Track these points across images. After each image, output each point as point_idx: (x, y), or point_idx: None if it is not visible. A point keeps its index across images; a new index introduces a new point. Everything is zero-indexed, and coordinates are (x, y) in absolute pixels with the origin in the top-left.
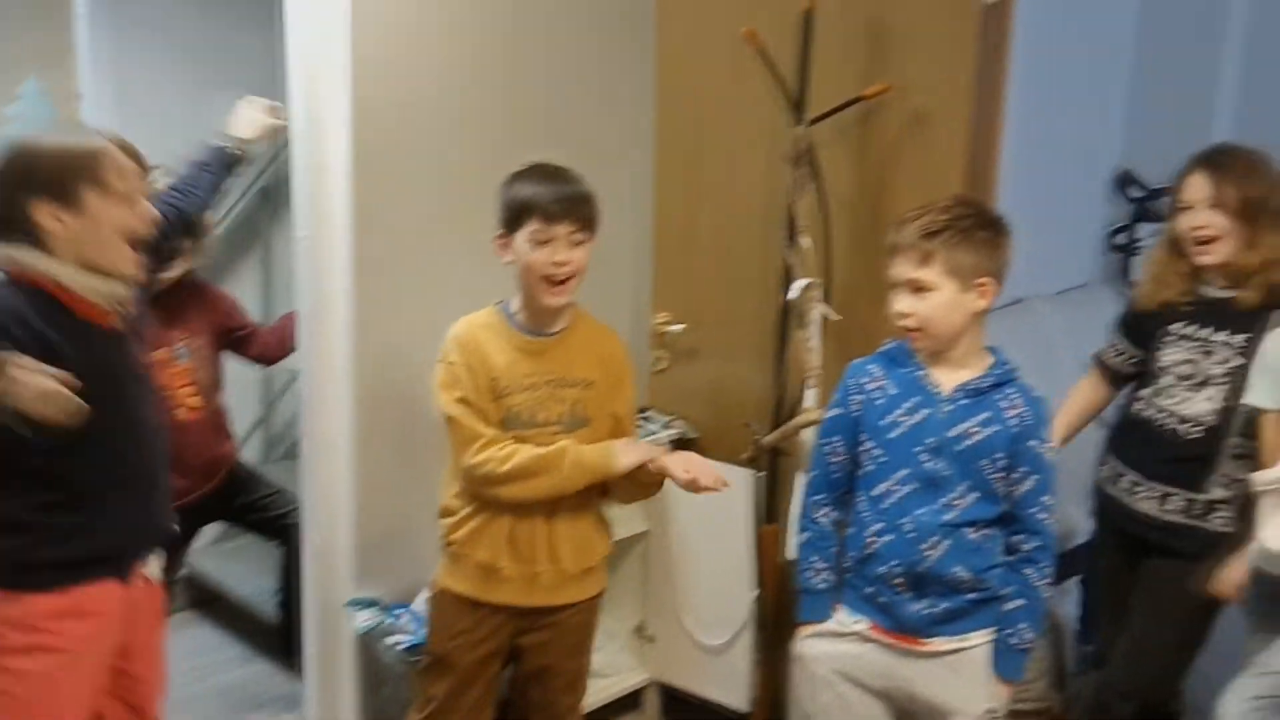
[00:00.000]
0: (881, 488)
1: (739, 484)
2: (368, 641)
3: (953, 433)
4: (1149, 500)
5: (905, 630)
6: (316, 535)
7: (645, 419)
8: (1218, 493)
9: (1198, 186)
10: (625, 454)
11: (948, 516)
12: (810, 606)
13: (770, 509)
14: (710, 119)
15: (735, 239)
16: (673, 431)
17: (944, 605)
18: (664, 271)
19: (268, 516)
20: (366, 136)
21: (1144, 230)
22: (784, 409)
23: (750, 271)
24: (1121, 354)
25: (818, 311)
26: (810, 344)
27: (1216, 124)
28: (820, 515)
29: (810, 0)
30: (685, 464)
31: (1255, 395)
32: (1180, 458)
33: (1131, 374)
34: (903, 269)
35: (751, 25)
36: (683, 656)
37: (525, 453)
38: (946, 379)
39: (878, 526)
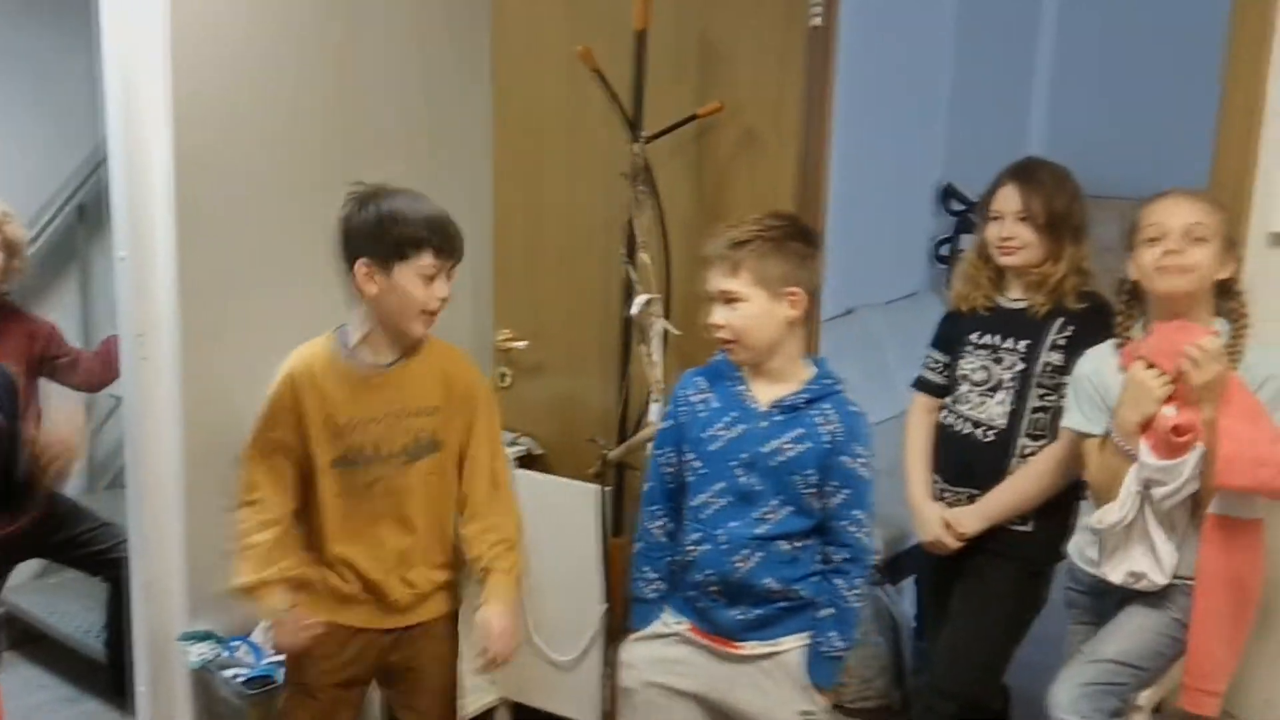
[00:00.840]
0: (700, 499)
1: (586, 499)
2: (203, 676)
3: (766, 448)
4: (957, 503)
5: (720, 633)
6: (146, 567)
7: None
8: None
9: (1008, 198)
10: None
11: (759, 530)
12: (641, 615)
13: (618, 522)
14: (549, 135)
15: (577, 255)
16: (519, 449)
17: (756, 612)
18: (505, 288)
19: (91, 552)
20: (189, 152)
21: (966, 241)
22: (629, 423)
23: (592, 287)
24: (938, 366)
25: (659, 326)
26: (652, 359)
27: (1031, 140)
28: (654, 526)
29: (643, 20)
30: None
31: (1073, 419)
32: (978, 461)
33: (943, 384)
34: (714, 280)
35: (587, 43)
36: (533, 674)
37: (254, 549)
38: (764, 393)
39: (696, 536)
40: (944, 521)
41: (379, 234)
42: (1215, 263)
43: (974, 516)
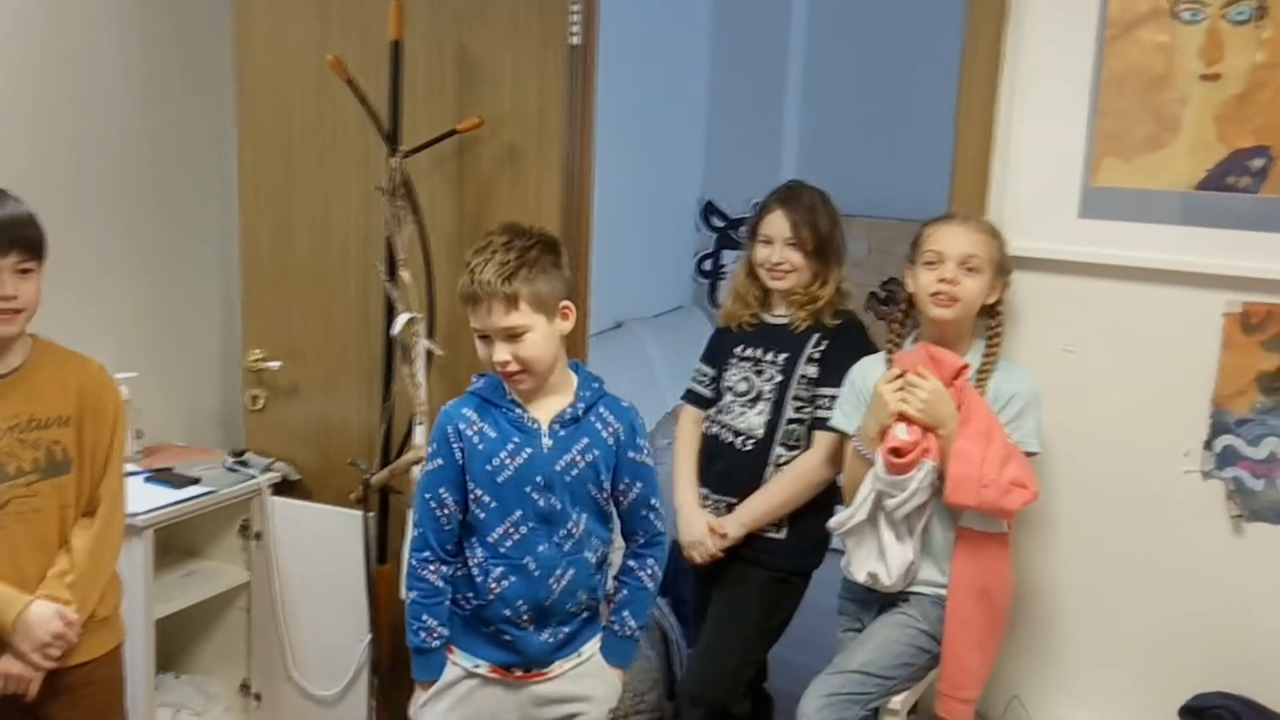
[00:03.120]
0: (498, 532)
1: (347, 526)
2: None
3: (559, 466)
4: (716, 511)
5: (529, 663)
6: None
7: (242, 463)
8: None
9: (777, 224)
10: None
11: (567, 547)
12: (424, 665)
13: (382, 549)
14: (299, 146)
15: (332, 272)
16: (273, 475)
17: (564, 630)
18: (255, 306)
19: None
20: None
21: (728, 256)
22: (391, 446)
23: (350, 305)
24: (705, 379)
25: (422, 346)
26: (416, 379)
27: (785, 160)
28: (428, 573)
29: (397, 30)
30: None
31: (836, 418)
32: (738, 469)
33: (710, 396)
34: (491, 319)
35: (339, 51)
36: (293, 712)
37: None
38: (542, 412)
39: (499, 570)
40: (709, 526)
41: None
42: (985, 291)
43: (733, 523)
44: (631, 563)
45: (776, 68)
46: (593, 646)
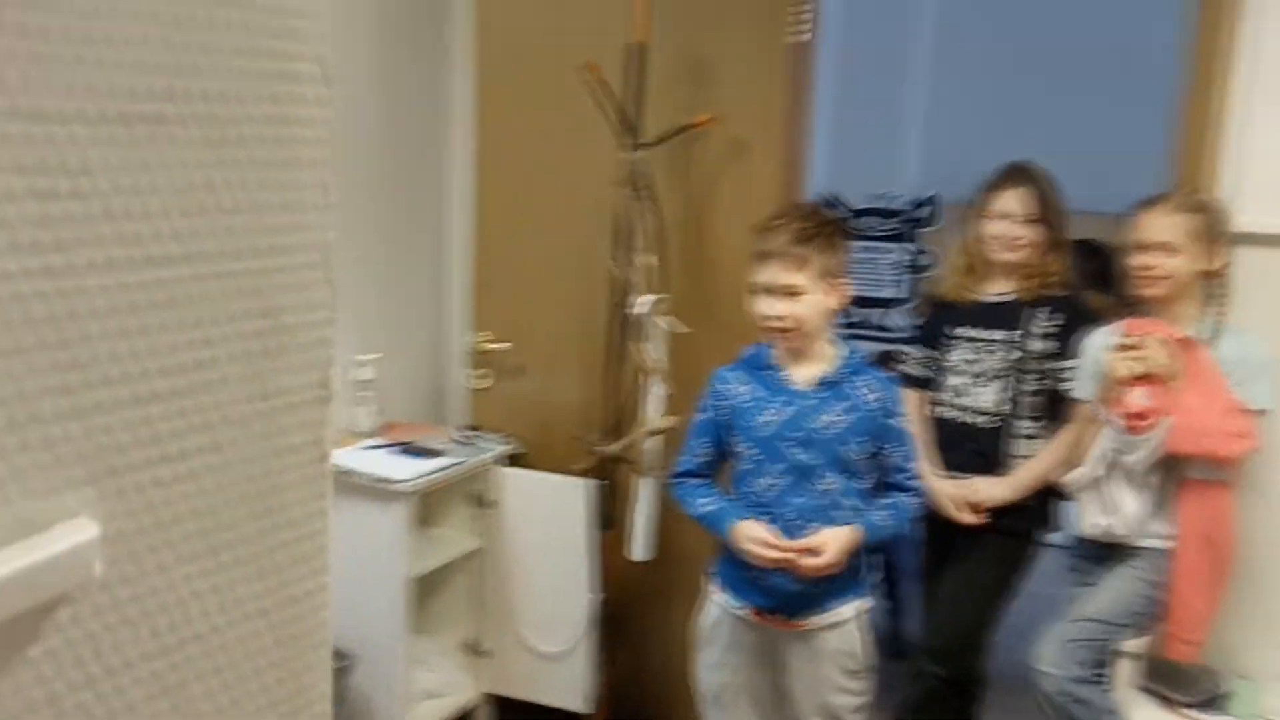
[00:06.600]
0: (761, 483)
1: (573, 493)
2: None
3: (818, 423)
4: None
5: (784, 609)
6: None
7: (477, 435)
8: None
9: (1013, 201)
10: None
11: (823, 501)
12: (716, 526)
13: (609, 516)
14: (534, 141)
15: (560, 258)
16: (506, 447)
17: (820, 584)
18: (486, 291)
19: None
20: None
21: (851, 247)
22: (621, 419)
23: (575, 290)
24: (923, 361)
25: (663, 325)
26: (655, 356)
27: (908, 151)
28: (686, 483)
29: (642, 33)
30: None
31: (1078, 389)
32: (986, 448)
33: (930, 377)
34: (776, 274)
35: (574, 49)
36: (520, 667)
37: None
38: (803, 375)
39: (765, 518)
40: (955, 497)
41: None
42: (1192, 264)
43: (1005, 486)
44: (900, 494)
45: (897, 60)
46: (850, 610)
